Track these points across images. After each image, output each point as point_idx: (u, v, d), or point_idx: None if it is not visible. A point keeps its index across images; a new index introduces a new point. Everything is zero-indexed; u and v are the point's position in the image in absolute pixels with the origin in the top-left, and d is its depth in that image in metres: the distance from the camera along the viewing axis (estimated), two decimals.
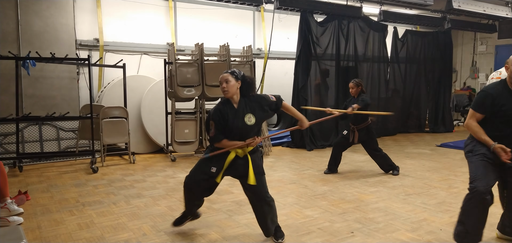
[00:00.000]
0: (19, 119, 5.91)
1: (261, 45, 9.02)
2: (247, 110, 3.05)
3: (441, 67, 10.34)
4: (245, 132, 3.03)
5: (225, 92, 3.02)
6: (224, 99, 3.09)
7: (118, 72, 7.00)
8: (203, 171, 3.10)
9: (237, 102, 3.06)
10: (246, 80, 3.09)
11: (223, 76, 3.03)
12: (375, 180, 5.17)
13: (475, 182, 2.76)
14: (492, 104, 2.86)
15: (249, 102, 3.09)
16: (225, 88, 3.01)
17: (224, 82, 3.01)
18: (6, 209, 3.72)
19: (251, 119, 3.05)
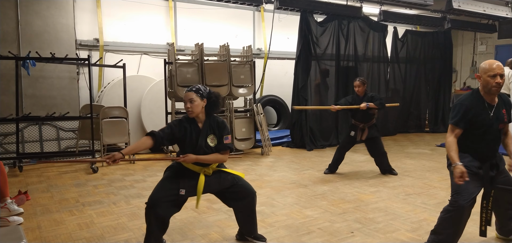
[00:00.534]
0: (19, 119, 5.91)
1: (261, 45, 9.02)
2: (210, 131, 2.94)
3: (441, 67, 10.34)
4: (207, 153, 2.91)
5: (189, 112, 2.88)
6: (186, 117, 2.96)
7: (118, 72, 7.00)
8: (170, 192, 2.84)
9: (202, 121, 2.95)
10: (211, 98, 2.95)
11: (187, 94, 2.88)
12: (375, 180, 5.17)
13: (457, 196, 2.75)
14: (468, 114, 2.82)
15: (212, 123, 2.97)
16: (190, 108, 2.86)
17: (188, 102, 2.86)
18: (6, 209, 3.72)
19: (213, 141, 2.94)
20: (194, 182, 2.88)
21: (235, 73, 7.00)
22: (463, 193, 2.73)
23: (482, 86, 2.86)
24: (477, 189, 2.83)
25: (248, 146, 7.12)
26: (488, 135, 2.83)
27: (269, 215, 3.80)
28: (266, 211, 3.90)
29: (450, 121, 2.91)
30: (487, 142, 2.84)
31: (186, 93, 2.90)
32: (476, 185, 2.81)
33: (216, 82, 6.85)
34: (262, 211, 3.90)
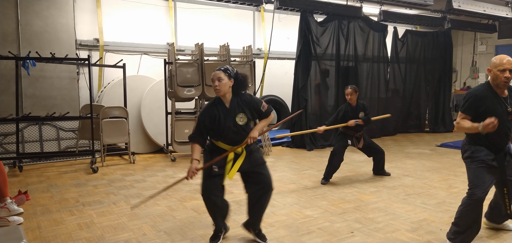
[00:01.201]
0: (19, 119, 5.92)
1: (261, 45, 9.02)
2: (239, 109, 3.00)
3: (441, 67, 10.34)
4: (237, 132, 2.99)
5: (217, 90, 2.96)
6: (216, 98, 3.04)
7: (118, 72, 7.00)
8: (210, 176, 3.01)
9: (229, 101, 3.01)
10: (239, 78, 3.02)
11: (215, 73, 2.96)
12: (375, 180, 5.16)
13: (474, 189, 2.92)
14: (477, 105, 2.94)
15: (241, 101, 3.03)
16: (217, 86, 2.94)
17: (216, 80, 2.94)
18: (6, 209, 3.72)
19: (243, 119, 3.01)
20: (224, 160, 3.01)
21: None
22: (481, 186, 2.89)
23: (492, 79, 2.97)
24: (492, 182, 2.97)
25: None
26: (501, 126, 2.89)
27: (269, 215, 3.80)
28: (266, 211, 3.89)
29: (460, 109, 3.03)
30: (500, 133, 2.92)
31: (214, 72, 2.97)
32: (491, 178, 2.95)
33: None
34: None
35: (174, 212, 3.90)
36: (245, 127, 3.02)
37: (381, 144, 8.25)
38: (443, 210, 3.95)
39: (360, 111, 5.15)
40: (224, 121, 2.96)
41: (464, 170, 5.76)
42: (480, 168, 2.95)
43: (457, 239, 3.01)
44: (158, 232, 3.40)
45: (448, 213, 3.85)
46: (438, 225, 3.54)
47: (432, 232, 3.37)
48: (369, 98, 8.97)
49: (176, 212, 3.90)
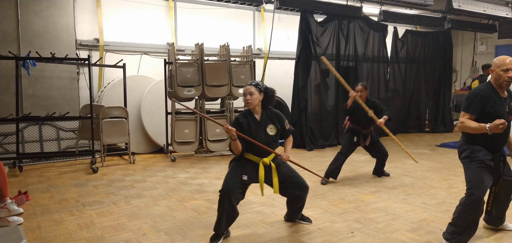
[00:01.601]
0: (19, 119, 5.91)
1: (261, 45, 9.02)
2: (269, 121, 3.24)
3: (441, 67, 10.34)
4: (267, 142, 3.19)
5: (248, 103, 3.16)
6: (246, 110, 3.23)
7: (118, 72, 7.00)
8: (238, 179, 3.13)
9: (259, 113, 3.23)
10: (268, 92, 3.24)
11: (247, 88, 3.16)
12: (375, 180, 5.16)
13: (474, 189, 2.93)
14: (482, 105, 2.94)
15: (270, 114, 3.27)
16: (249, 100, 3.14)
17: (247, 94, 3.14)
18: (6, 209, 3.72)
19: (273, 130, 3.24)
20: (255, 172, 3.18)
21: (235, 73, 7.00)
22: (480, 186, 2.92)
23: (494, 79, 3.01)
24: (490, 181, 3.00)
25: None
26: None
27: (269, 215, 3.80)
28: (266, 211, 3.90)
29: (463, 109, 3.02)
30: (501, 133, 2.93)
31: (246, 87, 3.18)
32: (489, 177, 2.98)
33: (216, 82, 6.85)
34: (262, 211, 3.90)
35: (174, 212, 3.90)
36: (275, 138, 3.26)
37: None
38: (443, 210, 3.95)
39: (370, 109, 5.14)
40: (255, 132, 3.16)
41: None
42: (479, 168, 2.96)
43: (454, 239, 3.00)
44: (158, 232, 3.40)
45: (448, 213, 3.85)
46: (438, 225, 3.54)
47: (432, 232, 3.37)
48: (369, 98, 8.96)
49: (176, 212, 3.90)
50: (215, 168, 5.91)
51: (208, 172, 5.68)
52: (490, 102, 2.94)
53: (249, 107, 3.19)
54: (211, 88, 6.82)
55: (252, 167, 3.19)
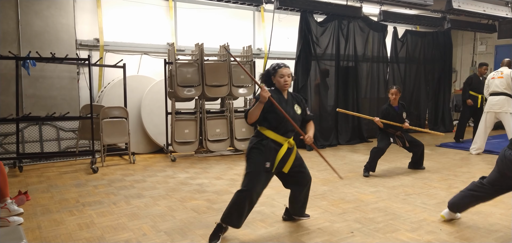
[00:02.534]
0: (19, 119, 5.92)
1: (261, 45, 9.02)
2: (294, 101, 3.41)
3: (441, 67, 10.34)
4: (294, 120, 3.30)
5: (286, 84, 3.32)
6: (275, 89, 3.36)
7: (118, 72, 7.00)
8: (261, 171, 3.16)
9: (286, 94, 3.40)
10: (294, 78, 3.53)
11: (287, 69, 3.32)
12: (375, 180, 5.17)
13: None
14: None
15: (295, 96, 3.48)
16: (288, 81, 3.31)
17: (286, 76, 3.30)
18: (6, 209, 3.72)
19: (298, 109, 3.40)
20: (276, 154, 3.23)
21: (235, 73, 7.01)
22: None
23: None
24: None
25: None
26: None
27: (269, 215, 3.81)
28: (266, 211, 3.91)
29: None
30: None
31: (286, 69, 3.32)
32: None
33: (216, 82, 6.86)
34: (262, 211, 3.91)
35: (174, 212, 3.91)
36: (299, 117, 3.40)
37: None
38: (443, 210, 3.95)
39: (402, 112, 5.27)
40: (285, 108, 3.26)
41: (464, 170, 5.80)
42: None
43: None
44: (158, 232, 3.41)
45: None
46: (438, 225, 3.54)
47: (432, 232, 3.37)
48: (369, 98, 8.97)
49: (176, 212, 3.90)
50: (215, 168, 5.91)
51: (208, 172, 5.68)
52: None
53: (285, 88, 3.35)
54: (211, 88, 6.82)
55: (274, 150, 3.21)
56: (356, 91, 8.61)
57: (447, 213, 3.61)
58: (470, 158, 6.82)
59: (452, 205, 3.55)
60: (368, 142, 8.47)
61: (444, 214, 3.63)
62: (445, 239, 3.23)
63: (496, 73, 7.02)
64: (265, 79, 3.44)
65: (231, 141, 7.02)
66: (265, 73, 3.47)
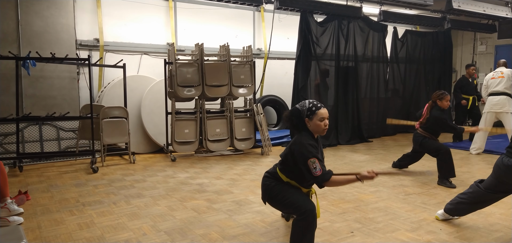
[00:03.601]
0: (19, 119, 5.92)
1: (261, 45, 9.02)
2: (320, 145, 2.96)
3: (441, 67, 10.34)
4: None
5: (326, 129, 2.83)
6: (310, 133, 2.84)
7: (118, 72, 7.00)
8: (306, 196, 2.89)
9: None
10: None
11: (327, 112, 2.84)
12: (375, 180, 5.15)
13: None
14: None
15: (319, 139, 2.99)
16: (327, 125, 2.83)
17: (327, 119, 2.83)
18: (6, 209, 3.72)
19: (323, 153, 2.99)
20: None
21: (235, 73, 7.01)
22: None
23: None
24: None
25: (248, 146, 7.12)
26: None
27: (269, 215, 3.81)
28: (266, 211, 3.91)
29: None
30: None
31: (325, 110, 2.83)
32: None
33: (216, 82, 6.86)
34: (262, 211, 3.91)
35: (174, 212, 3.91)
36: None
37: (381, 144, 8.29)
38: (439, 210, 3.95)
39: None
40: (321, 154, 2.85)
41: (464, 169, 5.80)
42: None
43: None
44: (158, 232, 3.41)
45: None
46: (438, 225, 3.54)
47: (432, 232, 3.38)
48: (369, 98, 8.97)
49: (176, 212, 3.90)
50: (215, 168, 5.91)
51: (208, 172, 5.68)
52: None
53: (324, 133, 2.85)
54: (211, 88, 6.83)
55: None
56: (356, 91, 8.61)
57: (442, 214, 3.62)
58: (470, 158, 6.82)
59: (449, 210, 3.55)
60: (368, 142, 8.47)
61: (439, 214, 3.64)
62: (445, 239, 3.23)
63: (495, 73, 7.02)
64: (295, 123, 2.87)
65: (231, 141, 7.02)
66: (295, 113, 2.87)
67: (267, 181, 2.95)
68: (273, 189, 2.89)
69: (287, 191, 2.84)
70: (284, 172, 2.89)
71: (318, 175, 2.64)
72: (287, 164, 2.85)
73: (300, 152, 2.70)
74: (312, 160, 2.65)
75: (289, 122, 2.91)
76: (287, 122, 2.94)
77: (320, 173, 2.64)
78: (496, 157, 6.77)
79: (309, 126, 2.81)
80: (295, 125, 2.87)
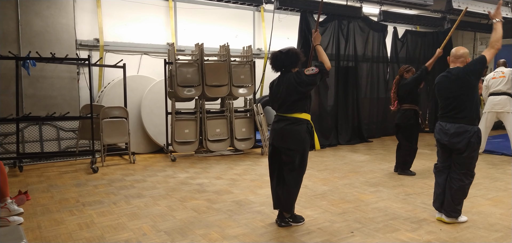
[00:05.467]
0: (19, 119, 5.92)
1: (261, 45, 9.02)
2: None
3: (441, 67, 10.30)
4: None
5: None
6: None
7: (118, 72, 7.00)
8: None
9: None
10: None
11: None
12: (375, 180, 5.17)
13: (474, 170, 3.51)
14: None
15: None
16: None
17: None
18: (6, 209, 3.72)
19: None
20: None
21: (235, 73, 7.01)
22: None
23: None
24: None
25: (248, 146, 7.12)
26: None
27: (269, 215, 3.81)
28: (266, 211, 3.91)
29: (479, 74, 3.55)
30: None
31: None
32: None
33: (216, 82, 6.86)
34: (262, 211, 3.91)
35: (174, 212, 3.91)
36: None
37: (381, 144, 8.29)
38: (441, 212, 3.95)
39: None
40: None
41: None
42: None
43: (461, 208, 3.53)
44: (158, 232, 3.41)
45: None
46: (438, 225, 3.54)
47: (432, 232, 3.37)
48: (369, 98, 8.97)
49: (176, 212, 3.90)
50: (215, 168, 5.91)
51: (208, 172, 5.68)
52: None
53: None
54: (211, 88, 6.83)
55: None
56: (356, 91, 8.61)
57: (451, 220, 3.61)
58: None
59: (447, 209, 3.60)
60: (368, 142, 8.47)
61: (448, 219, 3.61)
62: (445, 239, 3.23)
63: (496, 73, 7.01)
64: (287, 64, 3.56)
65: (231, 141, 7.02)
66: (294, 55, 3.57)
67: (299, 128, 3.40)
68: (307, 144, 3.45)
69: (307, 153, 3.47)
70: (299, 110, 3.41)
71: (317, 70, 3.43)
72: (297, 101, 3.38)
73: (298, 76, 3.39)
74: (306, 70, 3.38)
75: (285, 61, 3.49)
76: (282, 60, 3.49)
77: (317, 68, 3.44)
78: (496, 157, 6.80)
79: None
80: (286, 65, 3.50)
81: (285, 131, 3.37)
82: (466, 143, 3.40)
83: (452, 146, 3.49)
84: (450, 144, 3.48)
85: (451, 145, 3.49)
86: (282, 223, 3.51)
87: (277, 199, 3.51)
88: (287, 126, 3.37)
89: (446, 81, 3.58)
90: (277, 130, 3.43)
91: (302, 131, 3.37)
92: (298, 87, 3.33)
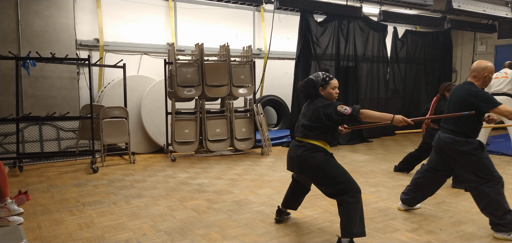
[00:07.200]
0: (19, 119, 5.92)
1: (261, 45, 9.02)
2: None
3: (441, 67, 10.34)
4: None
5: (336, 97, 3.18)
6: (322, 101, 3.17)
7: (118, 72, 7.00)
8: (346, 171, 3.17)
9: None
10: None
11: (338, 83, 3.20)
12: (375, 180, 5.17)
13: (496, 173, 3.24)
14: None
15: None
16: (338, 93, 3.20)
17: (338, 88, 3.19)
18: (6, 209, 3.72)
19: None
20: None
21: (235, 73, 7.01)
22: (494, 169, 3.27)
23: (484, 83, 3.36)
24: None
25: (248, 146, 7.12)
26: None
27: (269, 215, 3.81)
28: (266, 211, 3.91)
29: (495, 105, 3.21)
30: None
31: (336, 80, 3.17)
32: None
33: (216, 82, 6.86)
34: (262, 211, 3.91)
35: (174, 212, 3.91)
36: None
37: (381, 144, 8.30)
38: (443, 210, 3.95)
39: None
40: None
41: None
42: (487, 156, 3.28)
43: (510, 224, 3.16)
44: (158, 232, 3.41)
45: (448, 213, 3.85)
46: (438, 225, 3.54)
47: (432, 232, 3.37)
48: (369, 98, 8.97)
49: (176, 212, 3.90)
50: (215, 168, 5.91)
51: (208, 172, 5.68)
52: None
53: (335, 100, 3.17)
54: (211, 88, 6.83)
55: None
56: (356, 91, 8.62)
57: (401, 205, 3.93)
58: None
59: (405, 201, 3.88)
60: (368, 142, 8.47)
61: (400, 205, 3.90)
62: (445, 239, 3.23)
63: (499, 73, 7.01)
64: (311, 91, 3.14)
65: (231, 141, 7.02)
66: (310, 83, 3.14)
67: (314, 155, 3.07)
68: (326, 163, 3.05)
69: (338, 167, 3.09)
70: (317, 138, 3.08)
71: (350, 112, 2.97)
72: (317, 128, 3.07)
73: (328, 107, 3.02)
74: (340, 106, 2.99)
75: (305, 91, 3.17)
76: (302, 91, 3.19)
77: (350, 110, 2.97)
78: (496, 157, 6.79)
79: (323, 94, 3.13)
80: (310, 93, 3.15)
81: (302, 159, 3.10)
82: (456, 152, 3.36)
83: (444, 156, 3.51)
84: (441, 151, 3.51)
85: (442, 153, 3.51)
86: (280, 218, 3.61)
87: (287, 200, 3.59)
88: (304, 153, 3.09)
89: (451, 92, 3.52)
90: (294, 158, 3.17)
91: (319, 157, 3.05)
92: (323, 117, 3.04)
